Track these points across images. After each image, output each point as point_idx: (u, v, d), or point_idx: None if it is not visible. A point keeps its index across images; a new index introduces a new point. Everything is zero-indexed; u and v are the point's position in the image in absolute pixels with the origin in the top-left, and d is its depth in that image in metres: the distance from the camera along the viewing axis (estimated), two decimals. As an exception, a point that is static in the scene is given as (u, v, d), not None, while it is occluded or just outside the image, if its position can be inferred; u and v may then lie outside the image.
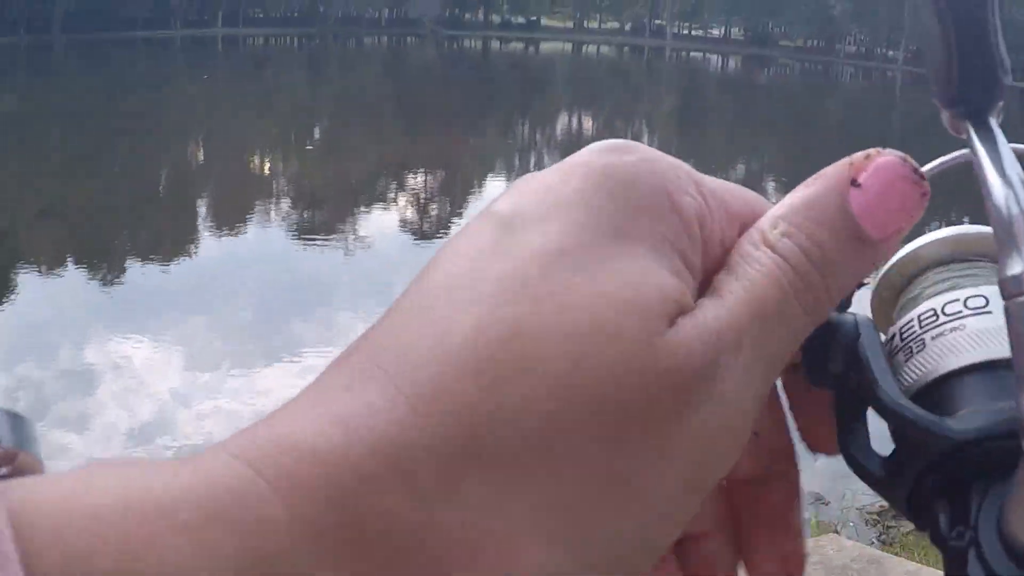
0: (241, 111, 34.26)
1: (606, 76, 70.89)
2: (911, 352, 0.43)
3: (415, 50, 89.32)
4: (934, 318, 0.43)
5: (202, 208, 18.93)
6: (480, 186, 21.76)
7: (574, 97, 49.42)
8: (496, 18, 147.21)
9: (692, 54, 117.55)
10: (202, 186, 21.17)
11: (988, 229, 0.36)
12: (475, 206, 19.66)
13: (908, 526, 5.68)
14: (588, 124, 37.32)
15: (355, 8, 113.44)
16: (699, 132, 35.98)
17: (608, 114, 41.27)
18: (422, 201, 19.86)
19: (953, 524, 0.38)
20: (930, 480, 0.39)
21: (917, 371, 0.41)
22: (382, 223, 17.16)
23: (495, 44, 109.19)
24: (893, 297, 0.46)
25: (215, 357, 10.16)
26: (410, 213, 18.50)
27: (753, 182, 25.29)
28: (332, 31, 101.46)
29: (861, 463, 0.40)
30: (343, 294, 12.80)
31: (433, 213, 18.99)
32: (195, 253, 14.85)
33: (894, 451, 0.40)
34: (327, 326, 11.26)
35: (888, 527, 5.99)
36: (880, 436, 0.39)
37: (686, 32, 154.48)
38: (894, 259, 0.45)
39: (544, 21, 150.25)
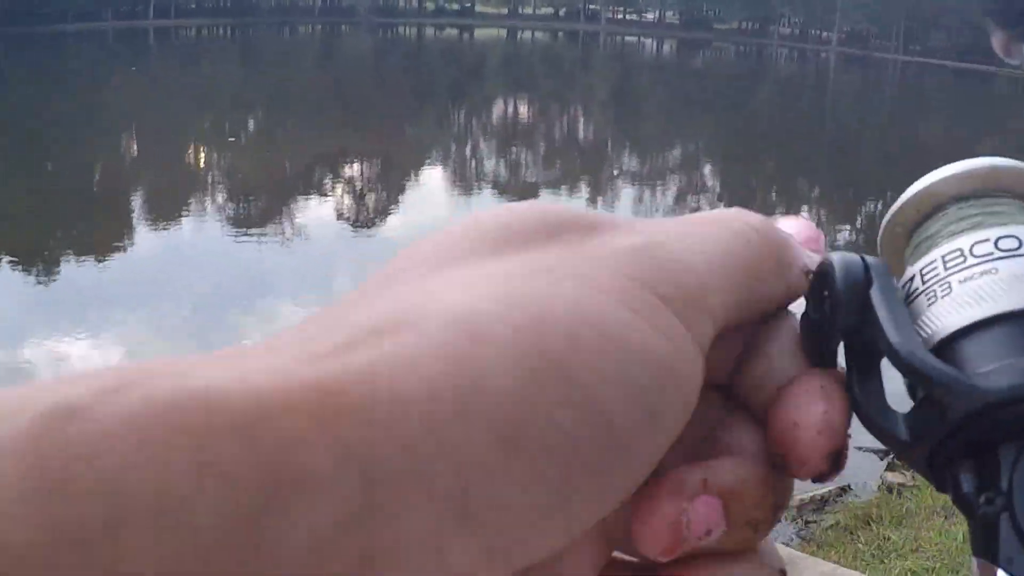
0: (172, 103, 33.99)
1: (541, 62, 71.02)
2: (935, 297, 0.39)
3: (349, 38, 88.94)
4: (961, 259, 0.39)
5: (135, 203, 18.81)
6: (416, 175, 21.80)
7: (509, 83, 49.49)
8: (430, 5, 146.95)
9: (627, 39, 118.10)
10: (134, 181, 20.99)
11: (1012, 161, 0.34)
12: (412, 195, 19.74)
13: (829, 521, 5.78)
14: (524, 110, 37.42)
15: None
16: (634, 116, 36.21)
17: (543, 99, 41.39)
18: (358, 191, 19.88)
19: (981, 489, 0.35)
20: (955, 441, 0.36)
21: (941, 319, 0.38)
22: (318, 214, 17.17)
23: (430, 31, 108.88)
24: (906, 235, 0.44)
25: (152, 353, 10.16)
26: (347, 203, 18.53)
27: (689, 165, 25.57)
28: (265, 20, 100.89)
29: (879, 423, 0.38)
30: (280, 287, 12.83)
31: (370, 203, 19.02)
32: (129, 249, 14.79)
33: (913, 409, 0.38)
34: (264, 319, 11.30)
35: (808, 522, 5.87)
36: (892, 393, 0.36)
37: (620, 17, 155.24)
38: (908, 194, 0.42)
39: (478, 7, 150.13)
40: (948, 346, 0.37)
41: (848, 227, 18.73)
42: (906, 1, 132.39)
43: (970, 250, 0.39)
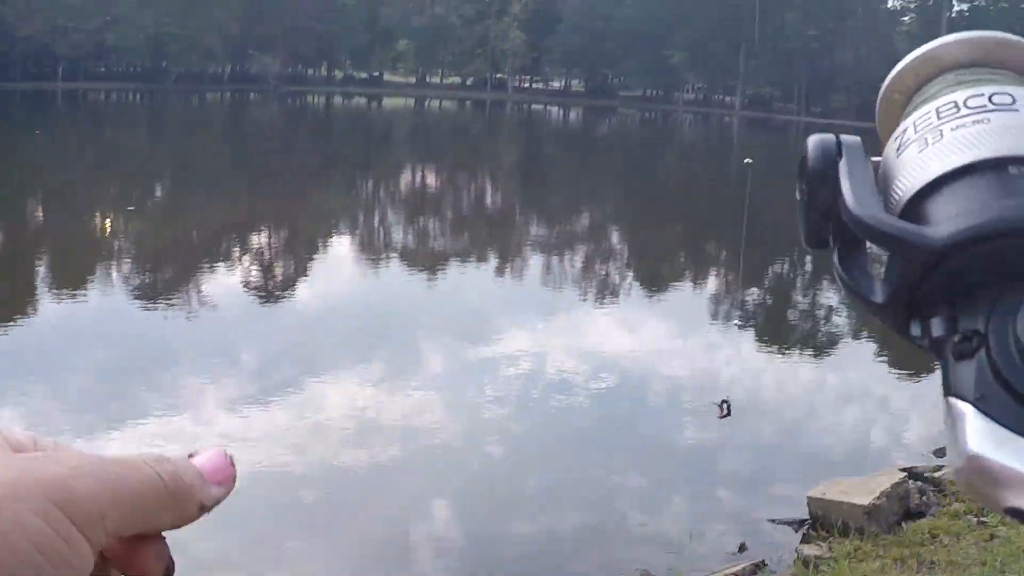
0: (78, 168, 33.49)
1: (449, 130, 71.36)
2: (926, 144, 0.40)
3: (257, 106, 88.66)
4: (955, 110, 0.40)
5: (36, 271, 18.34)
6: (325, 244, 21.58)
7: (417, 151, 49.53)
8: (339, 74, 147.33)
9: (534, 106, 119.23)
10: (35, 248, 20.53)
11: (1013, 36, 0.35)
12: (320, 264, 19.50)
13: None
14: (432, 178, 37.41)
15: (197, 64, 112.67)
16: (543, 183, 36.34)
17: (452, 167, 41.45)
18: (265, 260, 19.61)
19: (955, 331, 0.36)
20: (926, 295, 0.37)
21: (928, 165, 0.38)
22: (224, 283, 16.87)
23: (338, 99, 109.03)
24: (903, 103, 0.44)
25: (53, 425, 9.80)
26: (253, 273, 18.24)
27: (597, 228, 25.65)
28: (174, 86, 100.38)
29: (858, 292, 0.39)
30: (184, 356, 12.51)
31: (277, 272, 18.75)
32: (28, 317, 14.35)
33: (885, 271, 0.39)
34: (166, 391, 10.98)
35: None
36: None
37: (527, 85, 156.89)
38: (908, 59, 0.42)
39: (387, 76, 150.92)
40: (920, 202, 0.39)
41: (756, 288, 18.85)
42: (805, 64, 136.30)
43: (964, 102, 0.40)
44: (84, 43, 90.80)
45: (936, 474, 8.58)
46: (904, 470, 8.49)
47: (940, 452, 9.52)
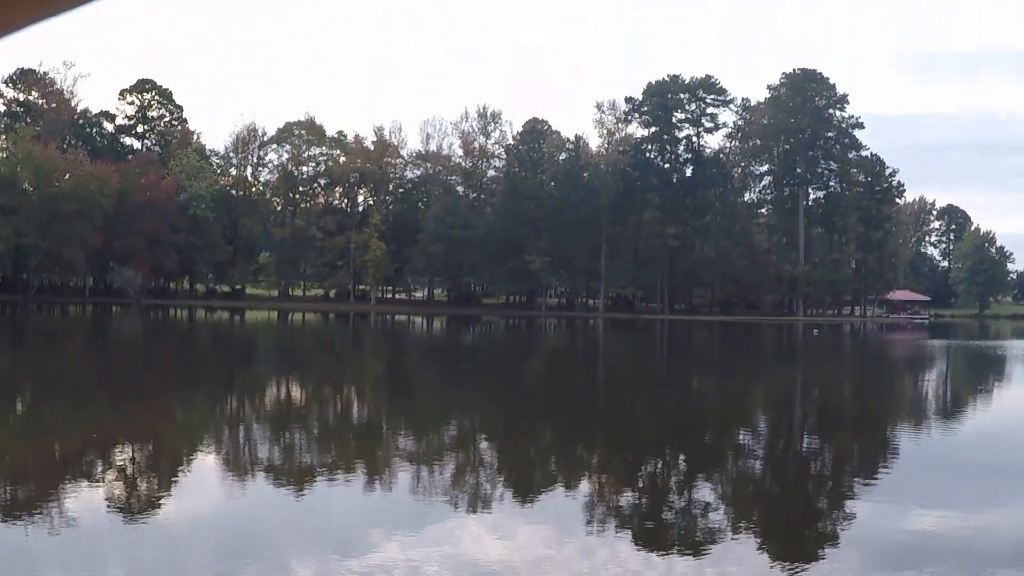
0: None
1: (312, 343, 71.25)
2: None
3: (119, 319, 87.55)
4: None
5: None
6: (188, 460, 21.14)
7: (280, 365, 49.33)
8: (201, 287, 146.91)
9: (398, 317, 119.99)
10: None
11: None
12: (184, 481, 19.03)
13: None
14: (296, 392, 37.17)
15: (58, 276, 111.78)
16: (406, 394, 36.39)
17: (316, 380, 41.30)
18: (128, 477, 19.07)
19: None
20: None
21: None
22: (88, 501, 16.32)
23: (201, 313, 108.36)
24: None
25: None
26: (116, 491, 17.70)
27: (465, 437, 25.63)
28: (35, 299, 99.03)
29: None
30: (47, 573, 11.98)
31: (140, 488, 18.23)
32: None
33: None
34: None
35: None
36: None
37: (390, 296, 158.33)
38: None
39: (249, 290, 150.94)
40: None
41: (629, 489, 18.94)
42: (666, 263, 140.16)
43: None
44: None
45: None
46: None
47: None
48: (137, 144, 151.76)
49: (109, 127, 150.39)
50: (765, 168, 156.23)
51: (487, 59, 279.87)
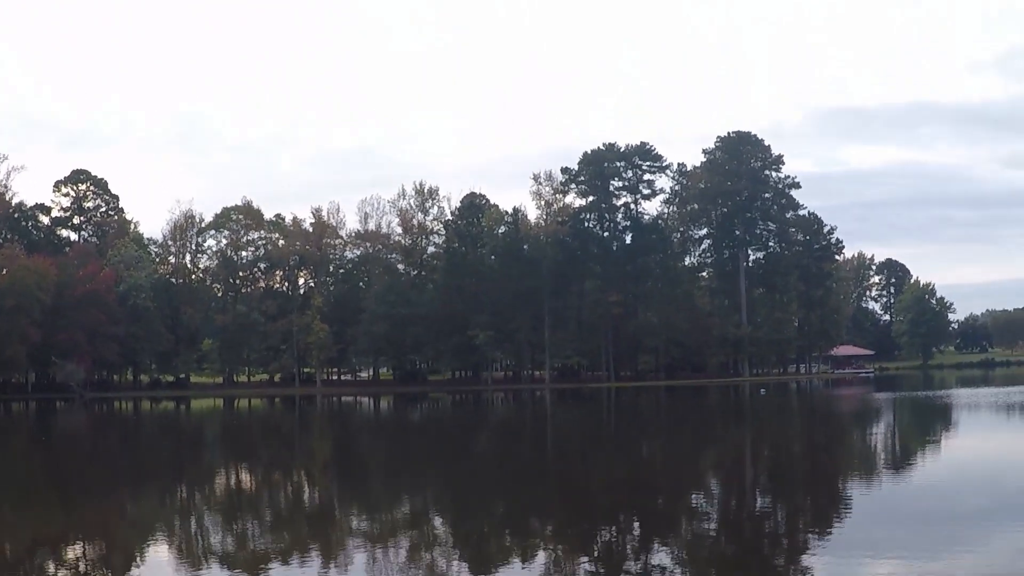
0: None
1: (259, 428, 70.67)
2: None
3: (64, 414, 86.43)
4: None
5: None
6: (141, 554, 20.86)
7: (228, 452, 48.91)
8: (145, 378, 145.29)
9: (344, 398, 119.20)
10: None
11: None
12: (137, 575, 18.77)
13: None
14: (246, 478, 36.84)
15: (0, 371, 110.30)
16: (358, 475, 36.15)
17: (266, 466, 40.95)
18: (80, 574, 18.80)
19: None
20: None
21: None
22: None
23: (146, 404, 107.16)
24: None
25: None
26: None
27: (418, 518, 25.50)
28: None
29: None
30: None
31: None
32: None
33: None
34: None
35: None
36: None
37: (336, 377, 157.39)
38: None
39: (193, 378, 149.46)
40: None
41: (586, 558, 18.93)
42: (610, 330, 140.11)
43: None
44: None
45: None
46: None
47: None
48: (74, 236, 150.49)
49: (45, 220, 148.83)
50: (704, 231, 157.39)
51: (426, 133, 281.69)
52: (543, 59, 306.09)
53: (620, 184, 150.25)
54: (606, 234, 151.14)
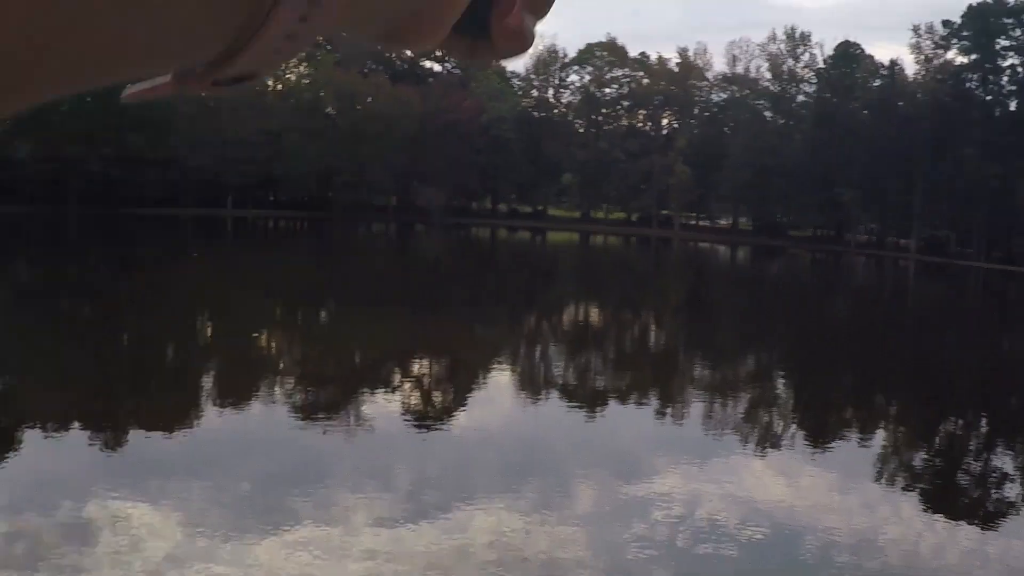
0: (238, 287, 35.07)
1: (615, 266, 71.48)
2: None
3: (422, 237, 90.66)
4: None
5: (203, 382, 18.98)
6: (484, 375, 21.70)
7: (582, 287, 49.78)
8: (503, 207, 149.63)
9: (700, 244, 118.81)
10: (204, 361, 21.31)
11: None
12: (478, 395, 19.56)
13: None
14: (595, 315, 37.55)
15: (365, 194, 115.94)
16: (706, 323, 36.09)
17: (616, 304, 41.52)
18: (423, 386, 19.81)
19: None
20: None
21: None
22: (382, 406, 17.06)
23: (502, 232, 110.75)
24: None
25: (210, 524, 9.96)
26: (411, 398, 18.41)
27: (761, 373, 25.27)
28: (341, 216, 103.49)
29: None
30: (336, 474, 12.65)
31: (434, 399, 18.89)
32: (194, 428, 14.84)
33: None
34: (319, 504, 11.09)
35: None
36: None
37: (693, 222, 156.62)
38: None
39: (551, 211, 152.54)
40: None
41: (925, 448, 18.22)
42: (986, 205, 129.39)
43: None
44: (252, 173, 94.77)
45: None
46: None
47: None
48: (437, 68, 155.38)
49: (409, 52, 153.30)
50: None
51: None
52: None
53: (1007, 43, 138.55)
54: (988, 98, 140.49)
